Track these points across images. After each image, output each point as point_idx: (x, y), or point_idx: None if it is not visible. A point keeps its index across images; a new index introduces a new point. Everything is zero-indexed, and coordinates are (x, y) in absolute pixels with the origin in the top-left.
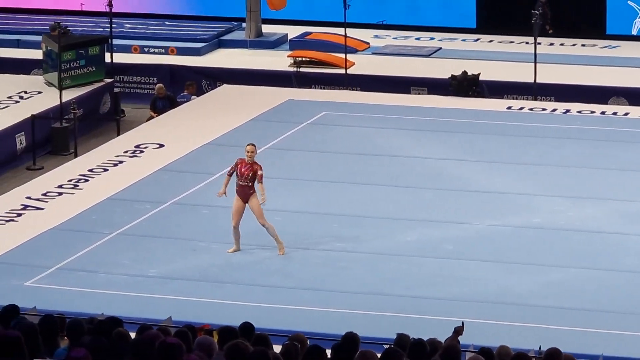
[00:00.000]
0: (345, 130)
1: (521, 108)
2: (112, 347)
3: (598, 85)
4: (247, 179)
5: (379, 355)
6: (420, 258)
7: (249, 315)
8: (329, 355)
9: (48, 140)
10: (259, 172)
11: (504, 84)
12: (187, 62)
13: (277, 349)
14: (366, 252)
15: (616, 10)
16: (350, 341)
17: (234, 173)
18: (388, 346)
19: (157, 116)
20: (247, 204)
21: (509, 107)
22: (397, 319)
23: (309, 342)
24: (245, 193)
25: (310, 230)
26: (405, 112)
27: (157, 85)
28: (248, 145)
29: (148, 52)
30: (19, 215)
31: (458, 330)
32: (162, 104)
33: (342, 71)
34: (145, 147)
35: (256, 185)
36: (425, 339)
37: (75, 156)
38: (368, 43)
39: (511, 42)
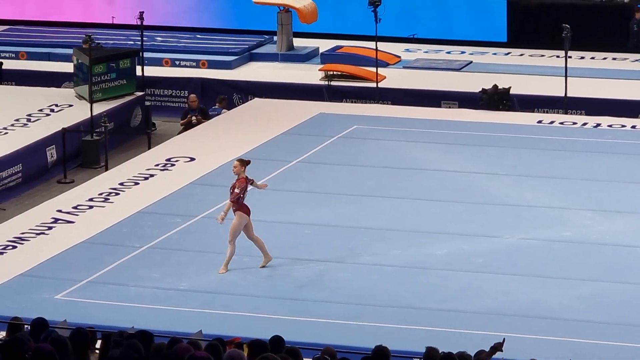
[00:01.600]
0: (376, 144)
1: (552, 122)
2: None
3: (629, 99)
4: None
5: None
6: (451, 271)
7: (280, 328)
8: None
9: (79, 154)
10: (235, 190)
11: (535, 98)
12: (218, 76)
13: None
14: (396, 265)
15: None
16: (380, 354)
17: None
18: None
19: (195, 121)
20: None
21: (540, 121)
22: (427, 333)
23: (338, 356)
24: (236, 207)
25: (340, 244)
26: (435, 125)
27: (191, 96)
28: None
29: (179, 66)
30: (50, 228)
31: (496, 347)
32: (192, 112)
33: (373, 85)
34: (177, 161)
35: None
36: (454, 352)
37: (106, 169)
38: (399, 57)
39: (542, 55)
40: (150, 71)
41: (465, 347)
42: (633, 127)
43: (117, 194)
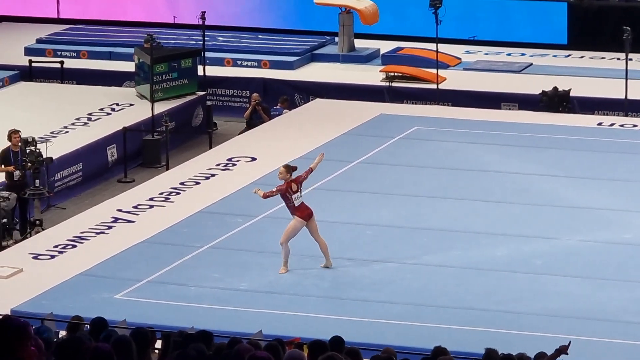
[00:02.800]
0: (436, 145)
1: (612, 124)
2: None
3: None
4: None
5: None
6: (510, 273)
7: (340, 328)
8: None
9: (139, 153)
10: (301, 175)
11: (595, 100)
12: (279, 76)
13: None
14: (456, 266)
15: None
16: (439, 355)
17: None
18: None
19: (259, 108)
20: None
21: (600, 123)
22: (486, 334)
23: (398, 356)
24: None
25: (400, 245)
26: (495, 127)
27: (254, 95)
28: (281, 167)
29: (241, 66)
30: (110, 227)
31: (561, 350)
32: (256, 116)
33: (434, 86)
34: (238, 161)
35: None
36: (514, 354)
37: (167, 169)
38: (459, 58)
39: (602, 58)
40: (212, 71)
41: (524, 348)
42: None
43: (177, 193)
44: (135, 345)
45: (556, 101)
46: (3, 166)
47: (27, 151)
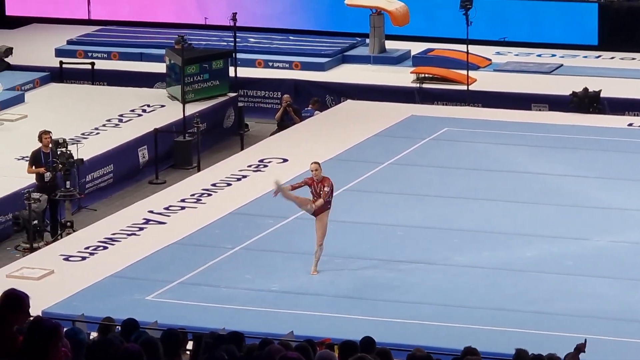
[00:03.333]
0: (466, 146)
1: None
2: None
3: None
4: (320, 196)
5: None
6: (540, 274)
7: (370, 329)
8: None
9: (170, 154)
10: (325, 189)
11: (625, 101)
12: (311, 77)
13: None
14: (486, 267)
15: None
16: (470, 356)
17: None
18: None
19: (290, 109)
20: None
21: (630, 124)
22: (517, 335)
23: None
24: (321, 209)
25: (431, 245)
26: (526, 128)
27: (284, 96)
28: (312, 163)
29: (272, 67)
30: (141, 229)
31: (579, 348)
32: (287, 117)
33: (464, 87)
34: (269, 162)
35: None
36: (544, 354)
37: (198, 170)
38: (490, 60)
39: (633, 59)
40: (243, 72)
41: (555, 349)
42: None
43: (209, 194)
44: (167, 346)
45: (586, 102)
46: (34, 167)
47: (58, 152)
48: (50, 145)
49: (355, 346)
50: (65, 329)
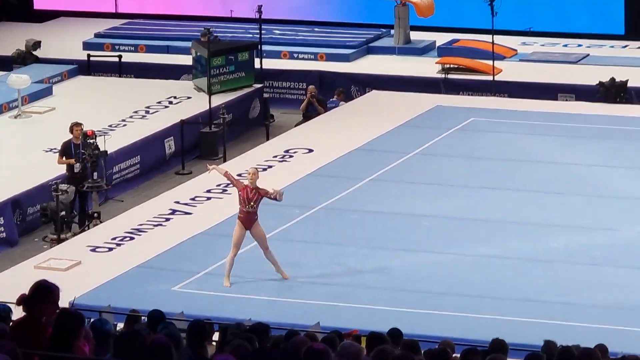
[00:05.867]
0: (492, 137)
1: None
2: (257, 353)
3: None
4: (254, 205)
5: None
6: (568, 264)
7: (398, 320)
8: None
9: (197, 145)
10: (269, 191)
11: None
12: (336, 68)
13: None
14: (514, 257)
15: None
16: (498, 347)
17: (238, 195)
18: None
19: (315, 101)
20: (248, 231)
21: None
22: (545, 326)
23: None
24: (251, 219)
25: (458, 236)
26: (552, 118)
27: (310, 87)
28: (251, 168)
29: (297, 58)
30: (167, 219)
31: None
32: (312, 108)
33: (490, 78)
34: (295, 152)
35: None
36: (572, 345)
37: (224, 161)
38: (515, 50)
39: None
40: (269, 64)
41: (583, 340)
42: None
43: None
44: (192, 337)
45: (613, 92)
46: (64, 158)
47: (86, 144)
48: (80, 137)
49: (382, 337)
50: (91, 320)
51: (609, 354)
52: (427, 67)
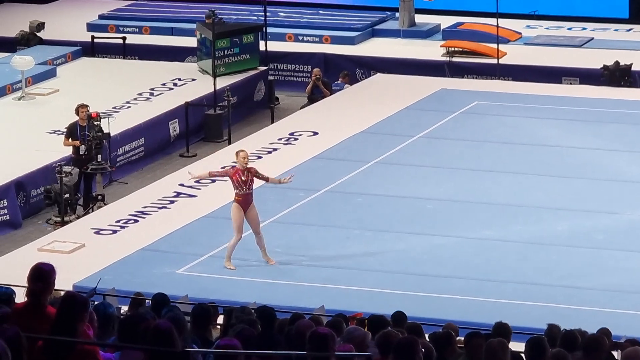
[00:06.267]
0: (496, 120)
1: None
2: (262, 337)
3: None
4: (250, 186)
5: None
6: (571, 248)
7: (401, 303)
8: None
9: (201, 127)
10: (259, 172)
11: None
12: (341, 51)
13: None
14: (517, 241)
15: None
16: (501, 331)
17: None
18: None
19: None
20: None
21: None
22: (548, 309)
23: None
24: (249, 201)
25: (462, 219)
26: (556, 102)
27: (315, 70)
28: (242, 151)
29: (302, 41)
30: (172, 202)
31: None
32: (317, 91)
33: (494, 61)
34: (300, 135)
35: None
36: (575, 329)
37: (229, 143)
38: (520, 33)
39: None
40: (274, 46)
41: (586, 324)
42: None
43: None
44: (197, 320)
45: (618, 75)
46: (70, 140)
47: (91, 126)
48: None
49: (384, 320)
50: (95, 303)
51: (612, 337)
52: (432, 50)
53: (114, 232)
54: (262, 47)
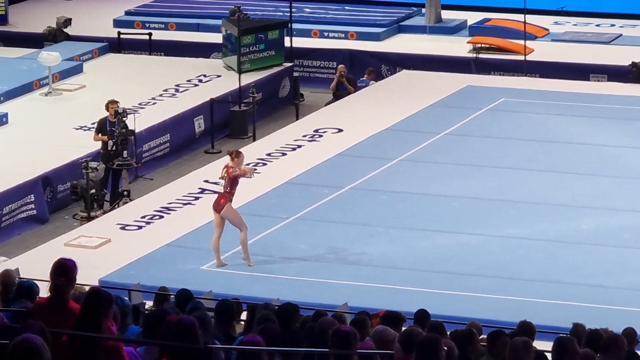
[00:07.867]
0: (523, 117)
1: None
2: (285, 334)
3: None
4: (225, 185)
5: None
6: (597, 246)
7: (425, 301)
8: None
9: (226, 124)
10: (230, 171)
11: None
12: (366, 47)
13: None
14: (543, 239)
15: None
16: (525, 329)
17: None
18: (562, 335)
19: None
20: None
21: None
22: (573, 308)
23: (484, 331)
24: (226, 200)
25: (487, 217)
26: (584, 99)
27: (339, 66)
28: (241, 153)
29: (327, 37)
30: (197, 198)
31: None
32: (342, 87)
33: (521, 58)
34: (324, 132)
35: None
36: (600, 328)
37: (254, 140)
38: (547, 29)
39: None
40: (299, 42)
41: (611, 323)
42: None
43: (264, 164)
44: (221, 316)
45: None
46: (100, 135)
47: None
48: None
49: (399, 316)
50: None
51: (637, 336)
52: (458, 46)
53: (139, 227)
54: (287, 43)
